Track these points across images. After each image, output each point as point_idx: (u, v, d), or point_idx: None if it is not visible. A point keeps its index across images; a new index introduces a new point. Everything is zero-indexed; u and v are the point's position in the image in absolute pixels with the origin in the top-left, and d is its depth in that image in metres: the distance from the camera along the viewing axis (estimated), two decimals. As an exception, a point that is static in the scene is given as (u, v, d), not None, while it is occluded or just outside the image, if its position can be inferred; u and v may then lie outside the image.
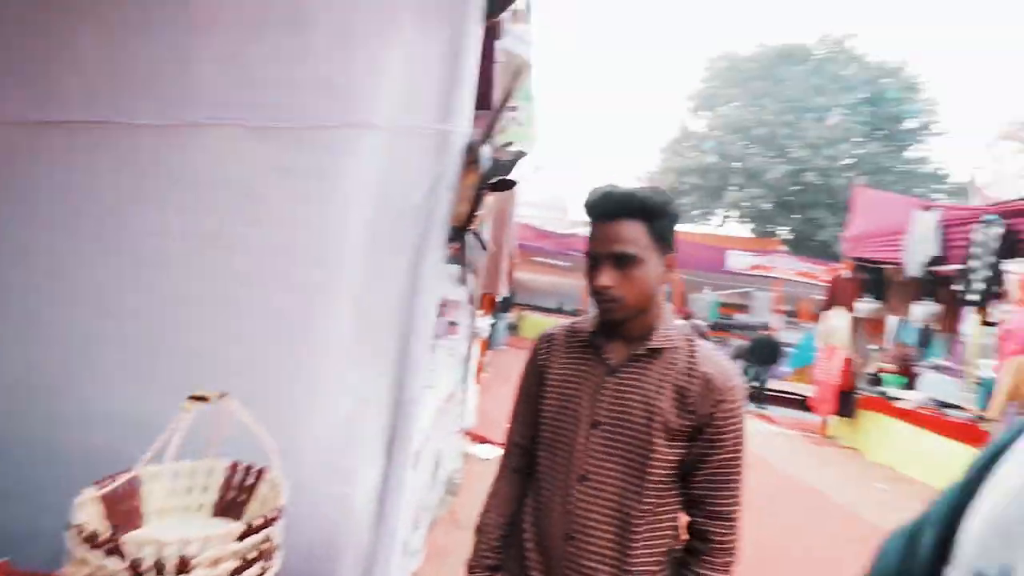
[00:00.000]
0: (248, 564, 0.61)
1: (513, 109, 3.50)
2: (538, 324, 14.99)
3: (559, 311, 15.72)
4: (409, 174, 1.20)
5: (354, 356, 1.23)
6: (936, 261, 4.65)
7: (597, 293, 0.98)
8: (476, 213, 1.19)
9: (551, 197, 18.54)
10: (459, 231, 1.20)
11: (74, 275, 1.24)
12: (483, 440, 4.78)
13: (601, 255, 0.96)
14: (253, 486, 0.85)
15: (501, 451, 0.94)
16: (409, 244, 1.20)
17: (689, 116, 21.05)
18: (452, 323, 3.50)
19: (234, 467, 0.86)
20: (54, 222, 1.26)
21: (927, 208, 4.89)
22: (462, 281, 1.20)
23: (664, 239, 0.98)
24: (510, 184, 1.03)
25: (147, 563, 0.54)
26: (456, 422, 3.65)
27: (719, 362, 0.97)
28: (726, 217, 20.00)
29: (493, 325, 9.26)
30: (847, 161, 16.74)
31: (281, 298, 1.22)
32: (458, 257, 1.23)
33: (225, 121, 1.22)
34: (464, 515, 3.25)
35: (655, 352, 0.98)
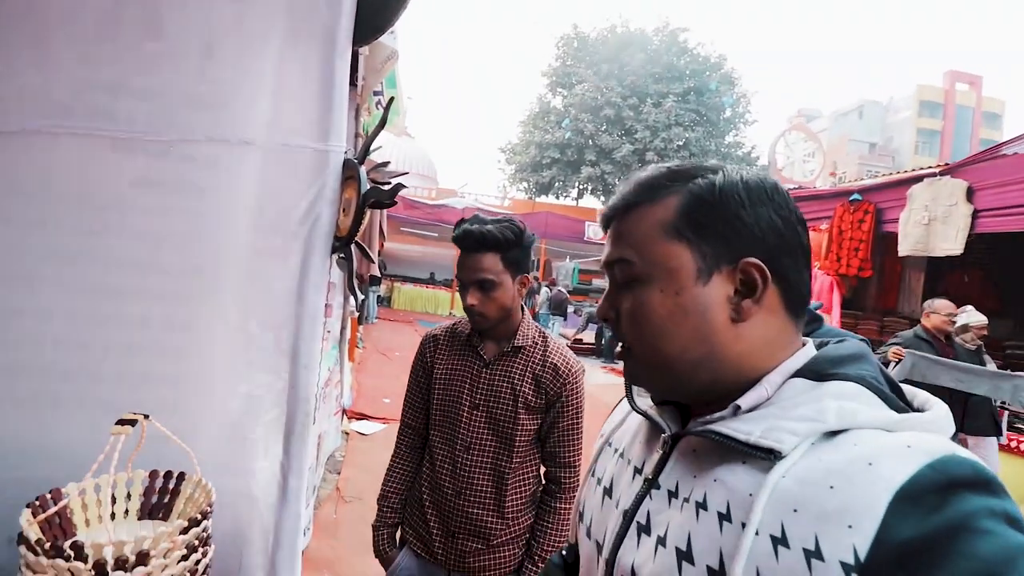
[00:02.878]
0: (192, 552, 0.74)
1: (379, 93, 3.51)
2: (411, 295, 14.93)
3: (431, 281, 15.76)
4: (287, 189, 1.24)
5: (242, 362, 1.30)
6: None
7: (467, 309, 1.27)
8: (359, 225, 1.33)
9: (420, 167, 18.19)
10: (344, 241, 1.33)
11: None
12: (361, 416, 4.84)
13: (467, 280, 1.25)
14: (176, 489, 0.94)
15: (381, 426, 1.16)
16: (293, 255, 1.26)
17: (547, 92, 21.89)
18: (327, 304, 3.49)
19: (153, 475, 0.94)
20: None
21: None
22: (351, 290, 1.34)
23: (517, 264, 1.27)
24: (389, 204, 1.20)
25: (111, 561, 0.64)
26: (335, 403, 3.69)
27: (564, 354, 1.35)
28: (582, 190, 21.49)
29: (364, 299, 9.07)
30: (679, 143, 18.87)
31: (159, 310, 1.22)
32: (343, 265, 1.37)
33: (77, 130, 1.15)
34: (348, 490, 3.37)
35: (518, 349, 1.32)
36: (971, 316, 3.85)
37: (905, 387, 0.48)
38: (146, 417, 0.77)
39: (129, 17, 1.19)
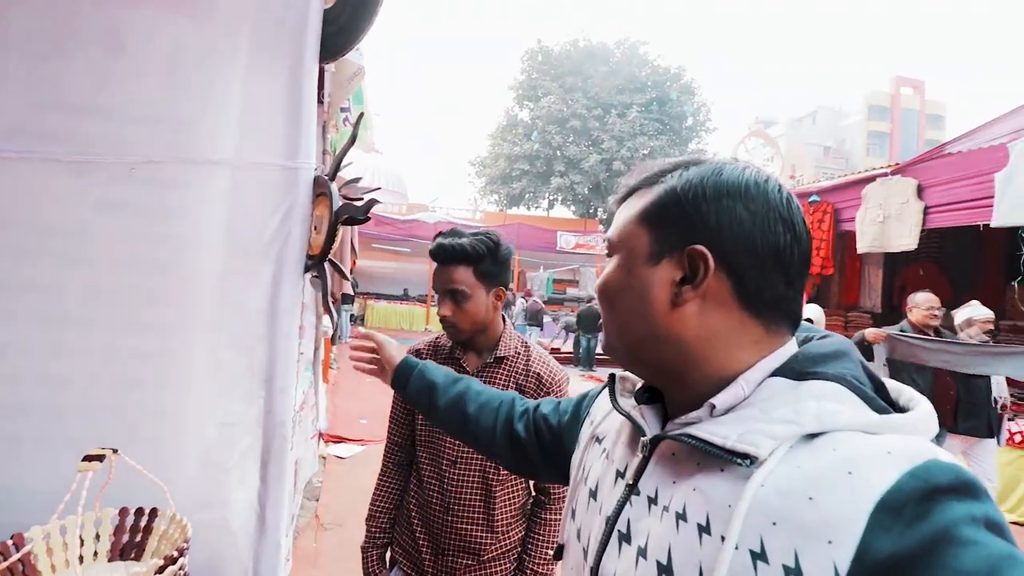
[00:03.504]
0: (169, 592, 0.71)
1: (346, 110, 3.48)
2: (385, 312, 14.73)
3: (405, 298, 15.60)
4: (256, 209, 1.22)
5: (213, 389, 1.25)
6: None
7: (441, 319, 1.28)
8: (332, 243, 1.31)
9: (390, 183, 18.09)
10: (317, 259, 1.30)
11: None
12: (338, 440, 4.72)
13: (440, 291, 1.27)
14: (148, 526, 0.89)
15: (359, 447, 1.14)
16: (264, 275, 1.23)
17: (514, 105, 22.14)
18: (300, 326, 3.40)
19: (124, 512, 0.89)
20: None
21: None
22: (325, 310, 1.31)
23: (490, 276, 1.27)
24: (363, 220, 1.19)
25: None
26: (311, 427, 3.60)
27: (547, 363, 1.34)
28: (552, 200, 21.71)
29: (337, 319, 8.91)
30: (645, 152, 19.28)
31: (128, 341, 1.17)
32: (316, 284, 1.34)
33: (30, 154, 1.10)
34: (327, 517, 3.27)
35: (500, 360, 1.31)
36: (975, 310, 3.55)
37: (890, 384, 0.48)
38: (115, 451, 0.73)
39: (88, 34, 1.15)
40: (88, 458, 0.70)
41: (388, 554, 1.37)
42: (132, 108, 1.17)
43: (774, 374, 0.47)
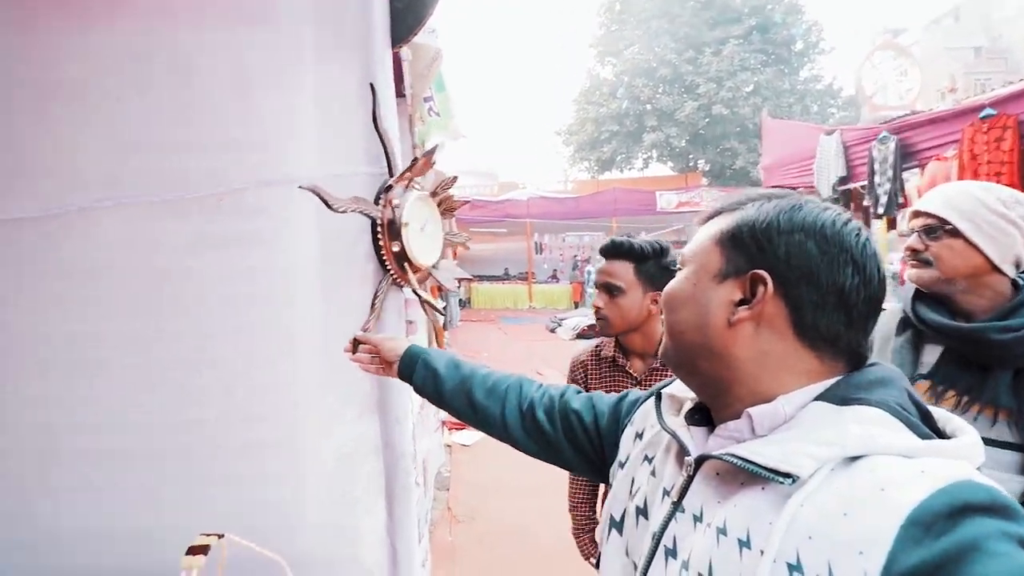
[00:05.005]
0: None
1: (429, 99, 3.39)
2: (489, 293, 15.04)
3: (506, 277, 15.79)
4: (347, 224, 1.12)
5: (330, 413, 1.19)
6: (843, 180, 5.02)
7: (595, 311, 1.34)
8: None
9: (479, 165, 18.30)
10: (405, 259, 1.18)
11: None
12: (460, 426, 4.81)
13: (598, 283, 1.33)
14: None
15: (480, 434, 1.04)
16: (362, 293, 1.15)
17: (595, 64, 21.12)
18: (410, 321, 3.46)
19: None
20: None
21: (829, 132, 5.23)
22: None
23: (651, 279, 1.28)
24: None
25: None
26: (434, 418, 3.66)
27: None
28: (646, 159, 20.56)
29: (445, 305, 9.22)
30: (748, 89, 17.46)
31: (241, 377, 1.14)
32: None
33: (121, 200, 1.07)
34: (459, 509, 3.32)
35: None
36: None
37: (938, 413, 0.49)
38: (220, 537, 0.65)
39: (158, 65, 1.09)
40: (192, 550, 0.62)
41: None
42: (209, 137, 1.11)
43: (818, 399, 0.48)
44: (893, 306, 1.17)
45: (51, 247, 1.08)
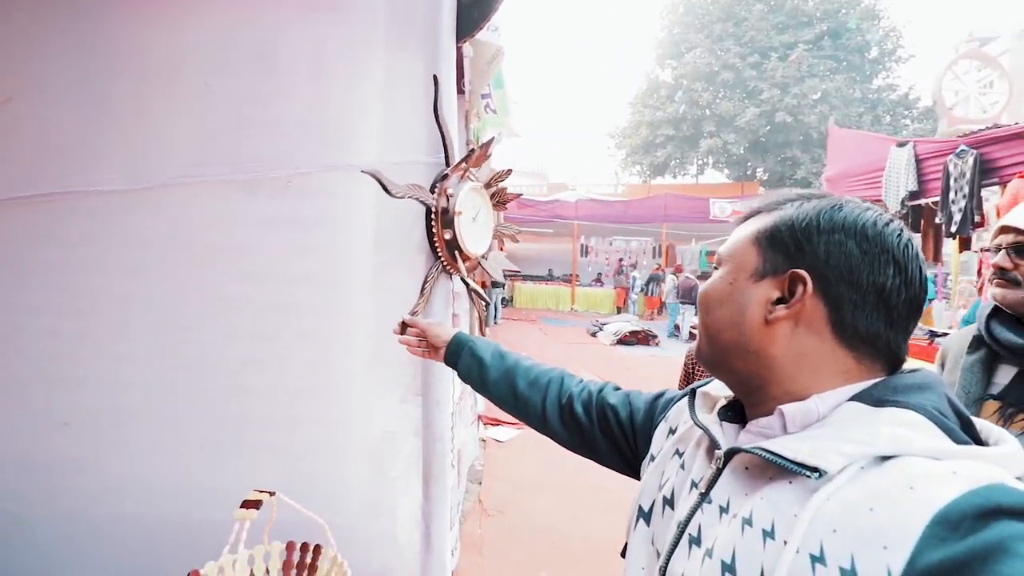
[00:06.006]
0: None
1: (487, 96, 3.43)
2: (532, 293, 15.06)
3: (550, 278, 15.75)
4: (404, 211, 1.16)
5: (375, 392, 1.24)
6: (913, 195, 4.73)
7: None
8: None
9: (529, 164, 18.30)
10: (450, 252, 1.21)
11: (76, 354, 1.20)
12: (496, 422, 4.85)
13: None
14: (313, 563, 0.88)
15: (516, 431, 1.02)
16: (412, 276, 1.18)
17: (655, 67, 20.69)
18: (455, 315, 3.52)
19: (291, 547, 0.89)
20: (45, 301, 1.21)
21: (901, 144, 4.94)
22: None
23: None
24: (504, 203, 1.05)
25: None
26: (471, 411, 3.71)
27: None
28: (701, 165, 19.98)
29: (487, 303, 9.29)
30: (815, 97, 16.65)
31: (298, 352, 1.20)
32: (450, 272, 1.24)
33: (202, 177, 1.16)
34: (490, 502, 3.35)
35: None
36: None
37: (980, 423, 0.47)
38: (271, 494, 0.69)
39: (243, 50, 1.17)
40: (246, 504, 0.66)
41: None
42: (283, 121, 1.17)
43: (853, 399, 0.48)
44: (970, 327, 1.11)
45: (136, 218, 1.17)
